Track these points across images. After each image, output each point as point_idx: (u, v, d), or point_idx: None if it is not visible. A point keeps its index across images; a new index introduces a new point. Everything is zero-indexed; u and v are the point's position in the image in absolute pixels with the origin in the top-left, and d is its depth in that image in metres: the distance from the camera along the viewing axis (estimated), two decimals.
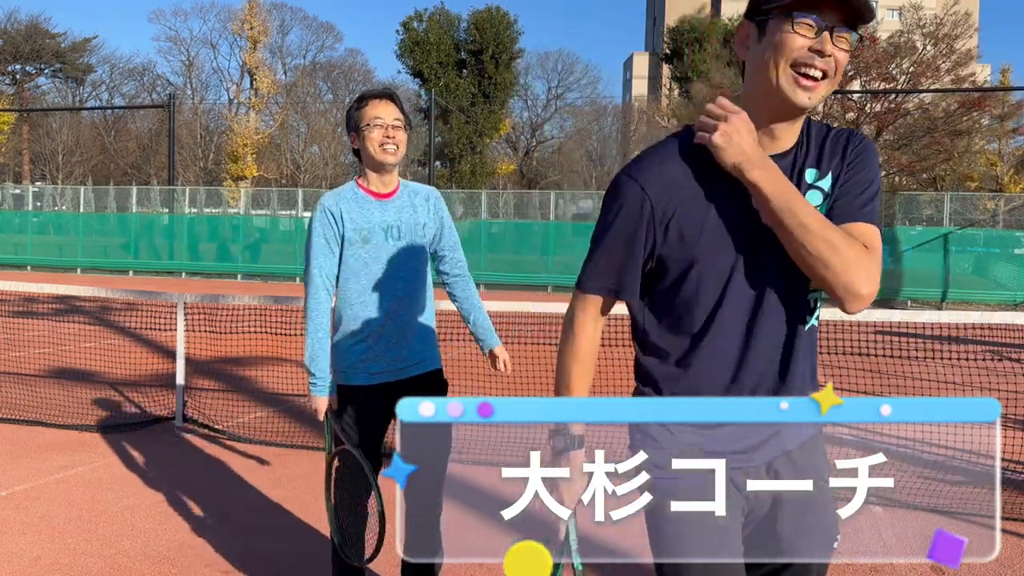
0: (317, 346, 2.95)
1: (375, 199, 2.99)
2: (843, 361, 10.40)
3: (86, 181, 51.98)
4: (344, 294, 2.99)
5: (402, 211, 3.01)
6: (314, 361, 2.95)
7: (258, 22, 39.97)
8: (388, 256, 2.96)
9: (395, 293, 2.98)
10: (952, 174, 37.64)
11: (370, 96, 3.01)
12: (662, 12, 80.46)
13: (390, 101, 2.99)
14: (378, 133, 2.93)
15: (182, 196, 31.03)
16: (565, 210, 30.76)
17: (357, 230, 2.94)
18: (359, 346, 2.97)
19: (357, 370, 2.98)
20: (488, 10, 41.80)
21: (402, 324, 2.99)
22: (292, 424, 6.59)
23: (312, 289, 2.96)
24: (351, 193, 3.00)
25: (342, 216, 2.94)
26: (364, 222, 2.95)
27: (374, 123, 2.94)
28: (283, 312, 11.55)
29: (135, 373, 8.71)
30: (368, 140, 2.94)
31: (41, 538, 4.07)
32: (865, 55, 31.81)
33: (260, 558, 3.87)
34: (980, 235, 23.12)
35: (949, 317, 5.12)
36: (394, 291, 2.97)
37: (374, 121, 2.94)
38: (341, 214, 2.94)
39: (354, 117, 3.01)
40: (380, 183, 3.02)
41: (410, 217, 3.02)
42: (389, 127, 2.94)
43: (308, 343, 2.96)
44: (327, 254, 2.95)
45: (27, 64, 59.04)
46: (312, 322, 2.95)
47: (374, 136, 2.93)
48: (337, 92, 64.37)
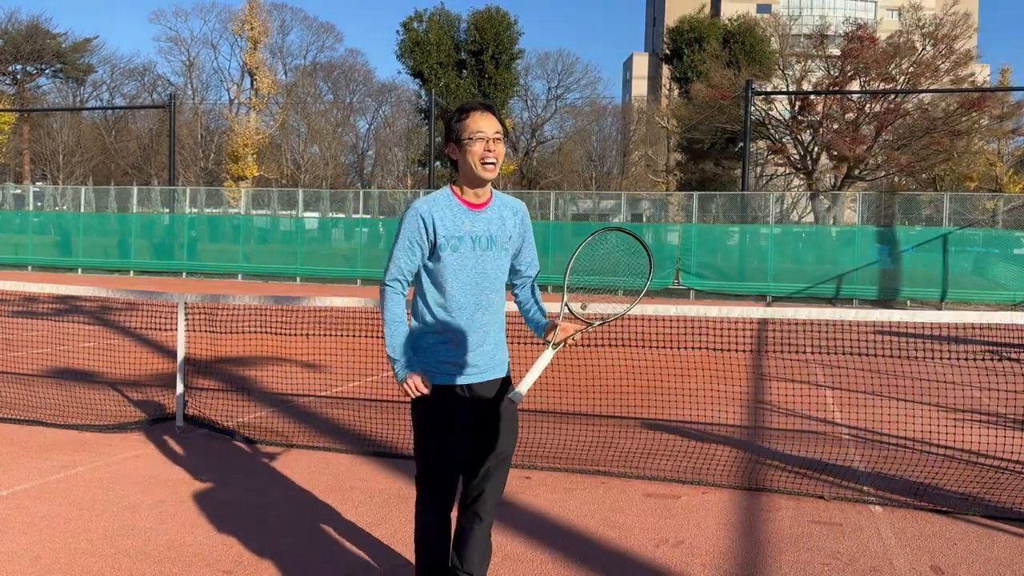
0: (398, 335, 3.01)
1: (469, 209, 3.05)
2: (843, 361, 10.41)
3: (87, 181, 51.99)
4: (430, 297, 3.05)
5: (492, 223, 3.07)
6: (395, 348, 3.00)
7: (258, 22, 39.94)
8: (475, 265, 3.03)
9: (479, 301, 3.06)
10: (951, 174, 37.64)
11: (471, 108, 3.02)
12: (662, 12, 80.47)
13: (491, 113, 3.01)
14: (479, 147, 2.96)
15: (183, 196, 31.02)
16: (565, 210, 30.73)
17: (448, 238, 2.99)
18: (441, 348, 3.04)
19: (438, 370, 3.04)
20: (488, 10, 41.81)
21: (483, 330, 3.08)
22: (292, 424, 6.60)
23: (391, 285, 3.05)
24: (446, 201, 3.04)
25: (434, 223, 2.98)
26: (456, 231, 3.00)
27: (476, 136, 2.96)
28: (283, 312, 11.55)
29: (135, 373, 8.71)
30: (469, 154, 2.97)
31: (41, 538, 4.08)
32: (865, 55, 31.82)
33: (260, 558, 3.88)
34: (979, 235, 23.11)
35: (949, 317, 5.11)
36: (478, 298, 3.05)
37: (476, 135, 2.96)
38: (433, 221, 2.98)
39: (455, 128, 3.01)
40: (474, 194, 3.06)
41: (499, 229, 3.09)
42: (491, 140, 2.97)
43: (389, 334, 3.01)
44: (410, 256, 3.01)
45: (28, 64, 59.04)
46: (390, 313, 3.02)
47: (475, 150, 2.96)
48: (337, 92, 64.43)
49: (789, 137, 35.16)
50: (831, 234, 25.42)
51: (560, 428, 6.51)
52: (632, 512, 4.61)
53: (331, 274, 27.36)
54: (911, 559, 4.00)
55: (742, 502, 4.82)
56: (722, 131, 35.32)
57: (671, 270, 24.99)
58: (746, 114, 25.84)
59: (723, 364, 9.56)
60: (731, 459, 5.74)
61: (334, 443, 6.01)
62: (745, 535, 4.28)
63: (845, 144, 31.82)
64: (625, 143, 59.09)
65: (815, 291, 23.29)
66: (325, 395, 7.86)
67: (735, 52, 40.35)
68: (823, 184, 37.10)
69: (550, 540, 4.16)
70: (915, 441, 6.39)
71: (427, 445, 3.05)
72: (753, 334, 13.12)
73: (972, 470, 5.55)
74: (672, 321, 6.23)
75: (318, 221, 29.86)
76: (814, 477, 5.30)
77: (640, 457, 5.69)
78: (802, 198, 42.22)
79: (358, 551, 3.97)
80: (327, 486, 5.00)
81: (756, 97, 30.53)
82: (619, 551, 4.03)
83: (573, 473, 5.34)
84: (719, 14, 63.03)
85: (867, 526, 4.45)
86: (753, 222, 25.81)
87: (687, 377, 8.26)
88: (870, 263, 22.93)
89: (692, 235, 24.57)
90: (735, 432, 6.64)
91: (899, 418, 7.12)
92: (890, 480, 5.28)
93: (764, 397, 8.23)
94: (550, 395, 7.71)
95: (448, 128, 3.06)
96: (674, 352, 8.89)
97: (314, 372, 9.15)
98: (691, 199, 26.36)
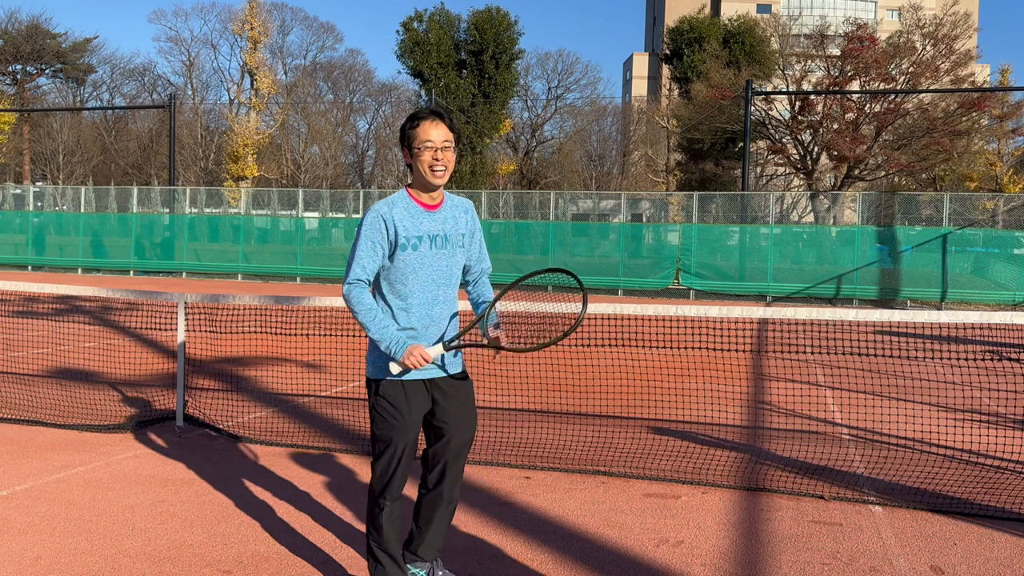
0: (380, 319, 3.14)
1: (425, 210, 3.25)
2: (843, 361, 10.41)
3: (87, 181, 51.98)
4: (391, 296, 3.24)
5: (446, 222, 3.28)
6: (385, 330, 3.13)
7: (258, 22, 39.92)
8: (433, 262, 3.23)
9: (438, 296, 3.26)
10: (951, 174, 37.62)
11: (421, 117, 3.20)
12: (662, 12, 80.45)
13: (440, 121, 3.19)
14: (428, 155, 3.15)
15: (183, 196, 31.02)
16: (565, 210, 30.74)
17: (408, 238, 3.18)
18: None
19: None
20: (488, 10, 41.75)
21: (442, 324, 3.28)
22: (292, 424, 6.60)
23: (354, 283, 3.16)
24: (404, 203, 3.23)
25: (394, 224, 3.17)
26: (415, 230, 3.19)
27: (425, 146, 3.15)
28: (283, 312, 11.55)
29: (135, 373, 8.71)
30: (420, 161, 3.17)
31: (41, 538, 4.08)
32: (865, 55, 31.81)
33: (260, 558, 3.88)
34: (979, 235, 23.10)
35: (948, 317, 5.11)
36: (436, 294, 3.26)
37: (425, 144, 3.15)
38: (394, 222, 3.17)
39: (407, 136, 3.21)
40: (429, 196, 3.27)
41: (453, 228, 3.29)
42: (439, 149, 3.16)
43: (370, 320, 3.14)
44: (372, 256, 3.17)
45: (28, 64, 59.05)
46: (362, 304, 3.15)
47: (425, 158, 3.16)
48: (337, 92, 64.42)
49: (789, 137, 35.15)
50: (831, 234, 25.42)
51: (560, 428, 6.51)
52: (632, 512, 4.61)
53: (331, 274, 27.36)
54: (911, 559, 4.00)
55: (742, 502, 4.82)
56: (722, 131, 35.30)
57: (671, 270, 25.00)
58: (746, 114, 25.84)
59: (723, 364, 9.56)
60: (731, 459, 5.74)
61: (334, 443, 6.01)
62: (745, 535, 4.28)
63: (845, 144, 31.81)
64: (625, 143, 59.08)
65: (815, 291, 23.29)
66: (325, 395, 7.86)
67: (735, 52, 40.32)
68: (823, 184, 37.09)
69: (550, 540, 4.16)
70: (915, 441, 6.39)
71: (391, 434, 3.20)
72: (753, 334, 13.12)
73: (972, 470, 5.55)
74: (672, 321, 6.23)
75: (318, 221, 29.87)
76: (814, 477, 5.30)
77: (640, 457, 5.69)
78: (802, 198, 42.21)
79: (358, 551, 3.97)
80: (327, 486, 5.00)
81: (756, 97, 30.53)
82: (619, 551, 4.03)
83: (573, 473, 5.34)
84: (719, 14, 63.00)
85: (867, 526, 4.45)
86: (753, 222, 25.80)
87: (687, 377, 8.27)
88: (870, 263, 22.93)
89: (692, 235, 24.57)
90: (735, 432, 6.64)
91: (899, 418, 7.12)
92: (890, 480, 5.28)
93: (764, 397, 8.23)
94: (550, 395, 7.71)
95: (402, 134, 3.24)
96: (674, 352, 8.89)
97: (314, 372, 9.15)
98: (691, 199, 26.36)
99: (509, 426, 6.49)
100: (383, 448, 3.23)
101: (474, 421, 3.38)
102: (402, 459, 3.23)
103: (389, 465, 3.23)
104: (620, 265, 25.30)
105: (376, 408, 3.23)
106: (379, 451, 3.24)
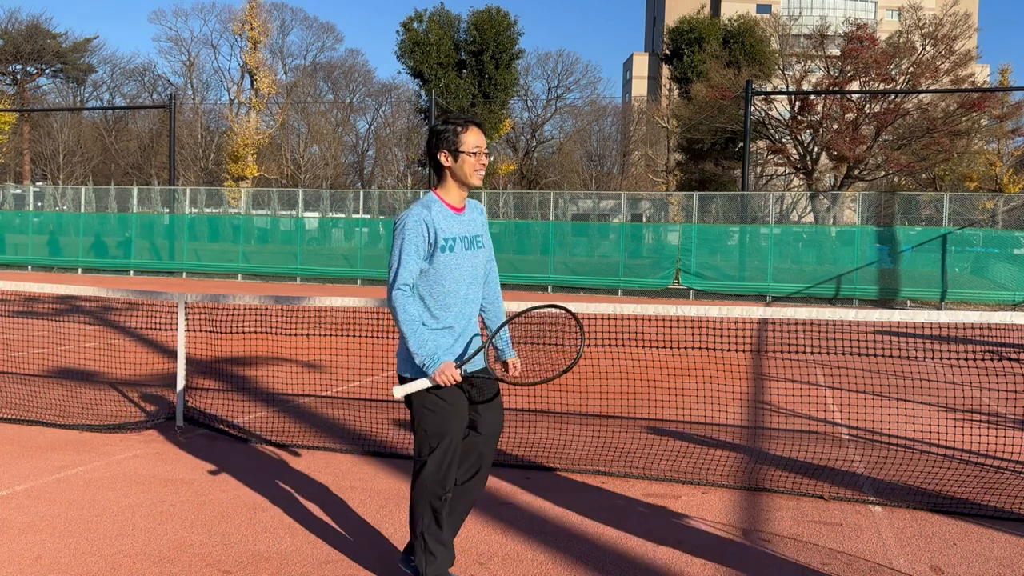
0: (421, 332, 3.24)
1: (454, 213, 3.38)
2: (843, 361, 10.41)
3: (87, 181, 51.97)
4: (427, 296, 3.33)
5: (472, 224, 3.45)
6: (423, 345, 3.22)
7: (258, 22, 39.91)
8: (466, 262, 3.38)
9: (470, 295, 3.42)
10: (951, 174, 37.62)
11: (471, 122, 3.36)
12: (662, 12, 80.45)
13: (481, 129, 3.37)
14: (475, 160, 3.33)
15: (183, 196, 31.02)
16: (565, 210, 30.74)
17: (446, 240, 3.31)
18: (443, 340, 3.33)
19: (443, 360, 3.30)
20: (488, 10, 41.75)
21: (472, 321, 3.45)
22: (292, 424, 6.59)
23: (403, 289, 3.26)
24: (438, 207, 3.34)
25: (434, 226, 3.28)
26: (450, 232, 3.33)
27: (474, 151, 3.33)
28: (283, 312, 11.57)
29: (135, 373, 8.71)
30: (466, 164, 3.32)
31: (41, 538, 4.08)
32: (864, 56, 31.81)
33: (260, 558, 3.88)
34: (979, 235, 23.11)
35: (948, 317, 5.11)
36: (469, 293, 3.41)
37: (475, 149, 3.32)
38: (434, 225, 3.28)
39: (452, 140, 3.31)
40: (459, 199, 3.40)
41: (475, 229, 3.46)
42: (484, 155, 3.36)
43: (412, 332, 3.22)
44: (417, 259, 3.27)
45: (28, 64, 59.05)
46: (408, 315, 3.24)
47: (472, 162, 3.33)
48: (337, 92, 64.44)
49: (789, 137, 35.16)
50: (831, 234, 25.42)
51: (560, 428, 6.51)
52: (632, 512, 4.61)
53: (331, 274, 27.37)
54: (911, 559, 4.00)
55: (742, 502, 4.82)
56: (722, 131, 35.30)
57: (671, 270, 25.01)
58: (746, 114, 25.83)
59: (723, 364, 9.56)
60: (731, 459, 5.74)
61: (334, 443, 6.01)
62: (745, 535, 4.28)
63: (845, 144, 31.82)
64: (625, 143, 59.09)
65: (815, 291, 23.29)
66: (325, 395, 7.86)
67: (735, 52, 40.31)
68: (823, 184, 37.09)
69: (550, 540, 4.16)
70: (915, 441, 6.39)
71: (446, 427, 3.28)
72: (753, 334, 13.12)
73: (972, 470, 5.55)
74: (672, 321, 6.24)
75: (318, 221, 29.87)
76: (814, 477, 5.30)
77: (640, 457, 5.69)
78: (802, 198, 42.22)
79: (358, 551, 3.97)
80: (327, 486, 5.00)
81: (756, 97, 30.52)
82: (619, 551, 4.03)
83: (573, 473, 5.34)
84: (719, 14, 63.01)
85: (867, 526, 4.45)
86: (753, 222, 25.81)
87: (687, 377, 8.27)
88: (870, 263, 22.94)
89: (692, 235, 24.57)
90: (735, 432, 6.64)
91: (899, 418, 7.12)
92: (890, 480, 5.28)
93: (764, 397, 8.23)
94: (550, 395, 7.71)
95: (440, 136, 3.31)
96: (674, 352, 8.89)
97: (314, 372, 9.15)
98: (691, 199, 26.37)
99: (510, 426, 6.49)
100: (438, 441, 3.29)
101: (502, 411, 3.52)
102: (457, 449, 3.33)
103: (445, 457, 3.29)
104: (620, 265, 25.31)
105: (426, 404, 3.29)
106: (433, 445, 3.29)
